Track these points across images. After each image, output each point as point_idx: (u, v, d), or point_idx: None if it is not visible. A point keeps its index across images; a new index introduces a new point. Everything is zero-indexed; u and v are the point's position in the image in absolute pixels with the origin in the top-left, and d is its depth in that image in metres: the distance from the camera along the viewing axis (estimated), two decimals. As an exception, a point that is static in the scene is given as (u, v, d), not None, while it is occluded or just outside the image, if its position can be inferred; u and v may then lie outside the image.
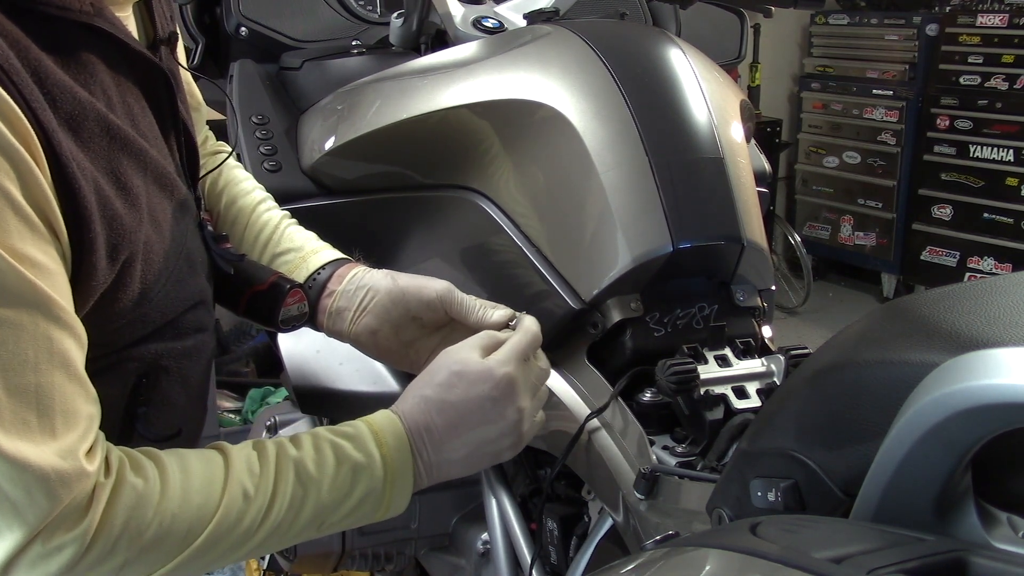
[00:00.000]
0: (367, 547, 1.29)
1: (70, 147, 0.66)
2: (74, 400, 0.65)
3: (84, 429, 0.66)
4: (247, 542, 0.73)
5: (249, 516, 0.73)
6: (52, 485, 0.62)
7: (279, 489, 0.75)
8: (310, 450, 0.78)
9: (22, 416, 0.62)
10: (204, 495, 0.71)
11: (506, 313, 0.91)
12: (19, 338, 0.62)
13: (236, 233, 1.04)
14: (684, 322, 0.98)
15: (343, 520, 0.79)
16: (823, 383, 0.63)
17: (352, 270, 0.98)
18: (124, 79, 0.75)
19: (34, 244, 0.63)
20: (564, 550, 1.04)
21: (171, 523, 0.69)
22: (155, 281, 0.75)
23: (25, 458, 0.61)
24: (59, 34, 0.68)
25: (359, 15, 1.51)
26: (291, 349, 1.18)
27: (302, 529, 0.77)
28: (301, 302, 0.95)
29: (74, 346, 0.66)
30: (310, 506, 0.76)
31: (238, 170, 1.10)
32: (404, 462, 0.81)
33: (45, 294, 0.63)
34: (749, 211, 1.00)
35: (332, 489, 0.77)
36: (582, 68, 1.03)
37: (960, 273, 4.17)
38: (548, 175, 1.03)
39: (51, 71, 0.66)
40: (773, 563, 0.47)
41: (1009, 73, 3.96)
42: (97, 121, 0.69)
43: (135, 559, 0.68)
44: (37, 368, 0.62)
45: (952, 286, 0.62)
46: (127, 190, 0.71)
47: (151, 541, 0.68)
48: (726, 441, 0.86)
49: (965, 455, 0.52)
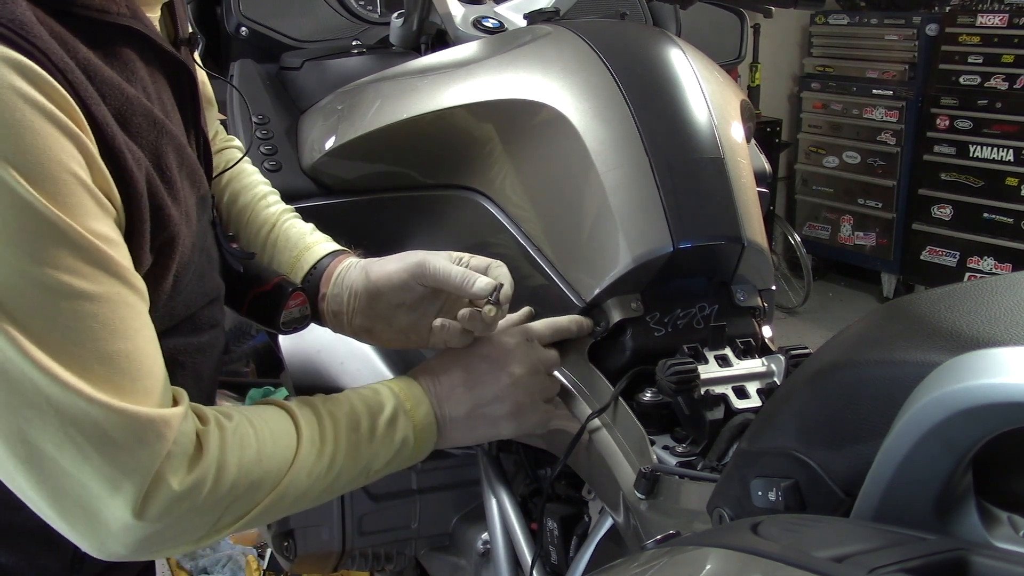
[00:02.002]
0: (367, 547, 1.29)
1: (123, 139, 0.70)
2: (156, 360, 0.71)
3: (167, 384, 0.71)
4: (317, 484, 0.80)
5: (321, 460, 0.80)
6: (157, 426, 0.68)
7: (339, 437, 0.82)
8: (352, 406, 0.85)
9: (117, 381, 0.66)
10: (286, 440, 0.78)
11: (489, 284, 0.89)
12: (107, 309, 0.66)
13: (239, 231, 1.05)
14: (684, 322, 0.98)
15: (385, 467, 0.86)
16: (824, 383, 0.63)
17: (338, 268, 0.98)
18: (159, 77, 0.79)
19: (105, 221, 0.67)
20: (564, 550, 1.04)
21: (269, 463, 0.76)
22: (184, 273, 0.78)
23: (127, 408, 0.66)
24: (101, 35, 0.72)
25: (359, 15, 1.51)
26: (292, 349, 1.18)
27: (357, 475, 0.84)
28: (303, 305, 0.96)
29: (146, 309, 0.71)
30: (364, 453, 0.83)
31: (244, 164, 1.10)
32: (426, 413, 0.88)
33: (122, 266, 0.68)
34: (749, 211, 1.00)
35: (378, 438, 0.84)
36: (582, 68, 1.03)
37: (960, 273, 4.17)
38: (548, 175, 1.03)
39: (99, 68, 0.69)
40: (774, 562, 0.47)
41: (1009, 73, 3.96)
42: (144, 115, 0.73)
43: (241, 497, 0.74)
44: (124, 335, 0.67)
45: (952, 286, 0.62)
46: (170, 182, 0.75)
47: (254, 480, 0.75)
48: (726, 441, 0.86)
49: (966, 455, 0.52)
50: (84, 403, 0.64)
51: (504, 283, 0.89)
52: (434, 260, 0.91)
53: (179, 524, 0.70)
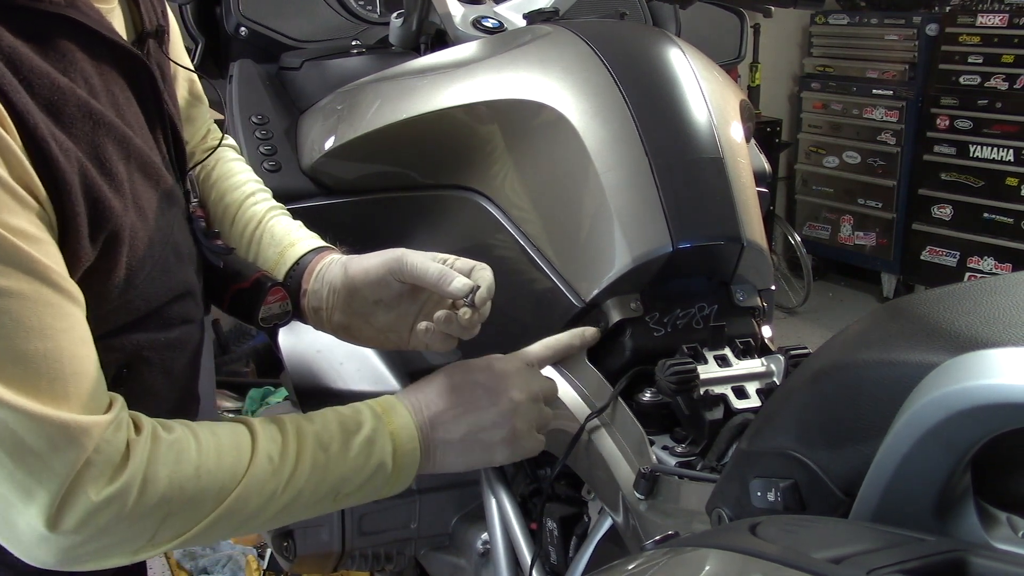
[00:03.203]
0: (367, 547, 1.28)
1: (50, 129, 0.67)
2: (84, 363, 0.67)
3: (96, 389, 0.68)
4: (271, 505, 0.76)
5: (276, 478, 0.76)
6: (73, 433, 0.64)
7: (303, 455, 0.78)
8: (324, 423, 0.81)
9: (33, 382, 0.63)
10: (235, 455, 0.74)
11: (466, 284, 0.86)
12: (22, 307, 0.63)
13: (224, 229, 1.03)
14: (684, 322, 0.98)
15: (356, 492, 0.82)
16: (823, 383, 0.63)
17: (320, 264, 0.96)
18: (108, 69, 0.76)
19: (25, 217, 0.64)
20: (564, 550, 1.04)
21: (208, 479, 0.72)
22: (139, 267, 0.76)
23: (42, 412, 0.63)
24: (33, 24, 0.69)
25: (359, 15, 1.51)
26: (292, 349, 1.18)
27: (321, 498, 0.79)
28: (283, 301, 0.94)
29: (76, 311, 0.67)
30: (331, 474, 0.79)
31: (235, 163, 1.08)
32: (409, 437, 0.84)
33: (42, 263, 0.64)
34: (749, 211, 1.00)
35: (349, 460, 0.80)
36: (582, 68, 1.03)
37: (960, 273, 4.17)
38: (548, 175, 1.03)
39: (26, 57, 0.67)
40: (773, 563, 0.47)
41: (1009, 73, 3.95)
42: (78, 106, 0.70)
43: (177, 512, 0.70)
44: (43, 334, 0.64)
45: (952, 286, 0.62)
46: (111, 175, 0.72)
47: (192, 495, 0.71)
48: (726, 441, 0.86)
49: (965, 455, 0.52)
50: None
51: (482, 286, 0.86)
52: (413, 256, 0.89)
53: (105, 536, 0.67)
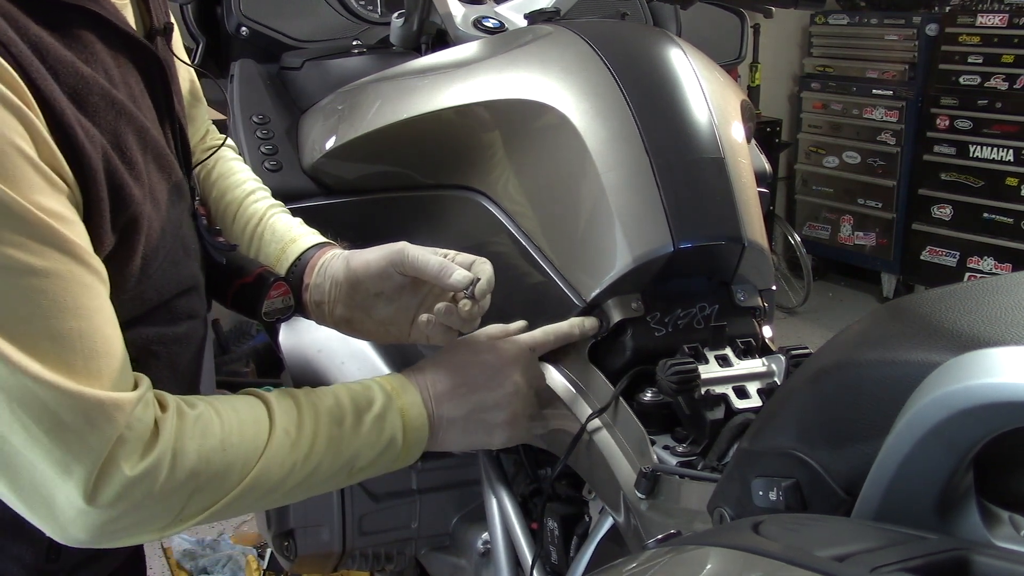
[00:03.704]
0: (367, 547, 1.28)
1: (75, 115, 0.68)
2: (113, 342, 0.69)
3: (125, 367, 0.69)
4: (290, 478, 0.78)
5: (296, 451, 0.77)
6: (108, 409, 0.66)
7: (319, 429, 0.80)
8: (337, 399, 0.83)
9: (68, 360, 0.64)
10: (255, 429, 0.76)
11: (466, 277, 0.88)
12: (58, 286, 0.64)
13: (226, 227, 1.04)
14: (685, 322, 0.98)
15: (369, 467, 0.84)
16: (824, 383, 0.63)
17: (322, 259, 0.98)
18: (125, 61, 0.77)
19: (56, 199, 0.65)
20: (565, 550, 1.04)
21: (233, 452, 0.74)
22: (153, 257, 0.77)
23: (79, 390, 0.64)
24: (57, 15, 0.70)
25: (359, 15, 1.51)
26: (292, 349, 1.18)
27: (337, 471, 0.81)
28: (286, 295, 0.96)
29: (105, 291, 0.69)
30: (346, 449, 0.81)
31: (235, 162, 1.10)
32: (418, 413, 0.86)
33: (76, 244, 0.66)
34: (750, 211, 1.00)
35: (362, 435, 0.82)
36: (583, 68, 1.03)
37: (960, 273, 4.17)
38: (549, 175, 1.03)
39: (52, 47, 0.68)
40: (776, 561, 0.47)
41: (1009, 73, 3.96)
42: (102, 95, 0.71)
43: (204, 486, 0.72)
44: (77, 314, 0.65)
45: (953, 286, 0.62)
46: (131, 163, 0.73)
47: (218, 468, 0.73)
48: (727, 441, 0.86)
49: (967, 454, 0.52)
50: (31, 382, 0.63)
51: (482, 278, 0.88)
52: (414, 249, 0.91)
53: (138, 511, 0.69)
